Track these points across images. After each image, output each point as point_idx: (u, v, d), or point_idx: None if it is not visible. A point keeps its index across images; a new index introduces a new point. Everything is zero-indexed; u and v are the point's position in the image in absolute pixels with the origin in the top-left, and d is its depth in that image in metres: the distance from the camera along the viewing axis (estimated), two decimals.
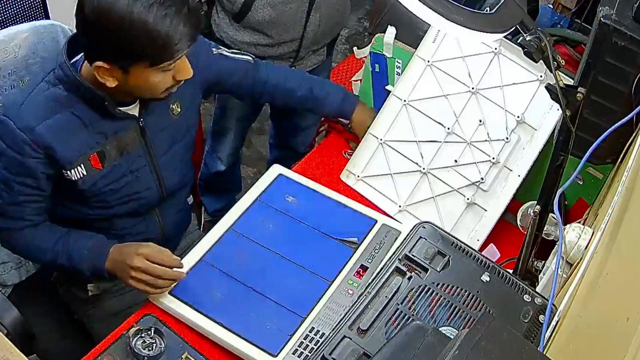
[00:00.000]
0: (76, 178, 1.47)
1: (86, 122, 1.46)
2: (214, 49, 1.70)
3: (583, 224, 1.37)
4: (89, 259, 1.50)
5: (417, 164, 1.78)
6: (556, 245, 1.40)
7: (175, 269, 1.46)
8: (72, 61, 1.45)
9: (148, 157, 1.58)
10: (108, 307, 1.71)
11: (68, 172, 1.46)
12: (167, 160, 1.62)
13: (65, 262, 1.52)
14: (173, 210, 1.72)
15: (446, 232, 1.42)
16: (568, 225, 1.34)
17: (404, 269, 1.34)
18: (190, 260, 1.56)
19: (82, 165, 1.47)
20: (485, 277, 1.32)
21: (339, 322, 1.30)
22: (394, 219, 1.74)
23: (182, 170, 1.69)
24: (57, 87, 1.44)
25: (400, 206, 1.77)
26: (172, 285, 1.48)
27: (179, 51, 1.37)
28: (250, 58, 1.79)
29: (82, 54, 1.47)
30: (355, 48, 2.69)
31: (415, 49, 1.84)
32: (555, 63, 1.11)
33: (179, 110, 1.61)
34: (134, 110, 1.51)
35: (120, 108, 1.48)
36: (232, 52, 1.76)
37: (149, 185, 1.60)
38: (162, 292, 1.47)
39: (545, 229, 1.37)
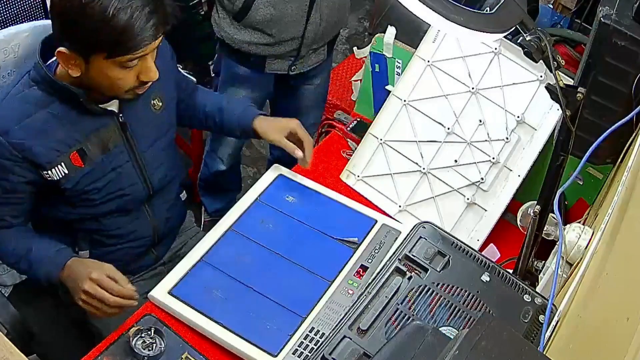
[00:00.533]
0: (58, 177, 1.47)
1: (64, 120, 1.45)
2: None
3: (583, 224, 1.37)
4: (45, 267, 1.48)
5: (417, 164, 1.78)
6: (556, 245, 1.40)
7: (127, 301, 1.43)
8: (47, 63, 1.45)
9: (131, 153, 1.56)
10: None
11: (49, 172, 1.45)
12: (151, 155, 1.60)
13: (26, 268, 1.52)
14: (164, 206, 1.71)
15: (446, 232, 1.42)
16: (568, 225, 1.34)
17: (404, 269, 1.34)
18: (190, 260, 1.56)
19: (62, 164, 1.46)
20: (485, 277, 1.32)
21: (339, 322, 1.30)
22: (394, 219, 1.74)
23: (168, 165, 1.67)
24: (32, 88, 1.44)
25: (400, 206, 1.77)
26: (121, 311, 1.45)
27: (138, 46, 1.35)
28: (194, 80, 1.80)
29: (53, 59, 1.46)
30: (355, 48, 2.69)
31: (415, 49, 1.84)
32: (555, 63, 1.11)
33: (161, 104, 1.61)
34: (112, 105, 1.50)
35: (99, 105, 1.48)
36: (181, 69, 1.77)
37: (133, 181, 1.59)
38: (111, 316, 1.45)
39: (545, 229, 1.37)
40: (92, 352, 1.42)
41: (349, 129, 2.00)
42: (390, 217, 1.75)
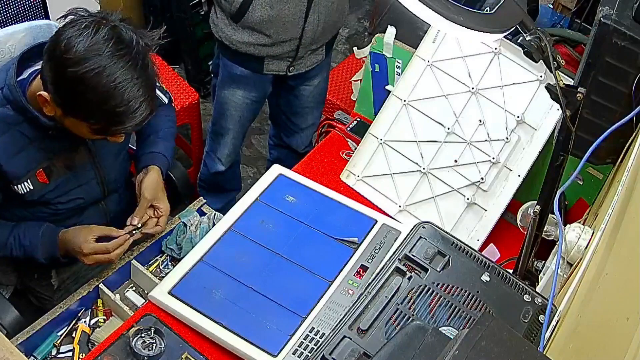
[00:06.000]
0: (22, 192, 1.50)
1: (33, 140, 1.47)
2: None
3: (583, 224, 1.37)
4: (42, 250, 1.56)
5: (417, 164, 1.78)
6: (556, 245, 1.40)
7: (126, 242, 1.56)
8: (20, 78, 1.46)
9: (96, 170, 1.61)
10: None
11: (15, 186, 1.49)
12: (112, 168, 1.65)
13: (20, 254, 1.57)
14: (115, 196, 1.74)
15: (446, 232, 1.42)
16: (568, 225, 1.34)
17: (404, 269, 1.34)
18: (190, 260, 1.56)
19: (28, 180, 1.49)
20: (485, 277, 1.32)
21: (339, 322, 1.30)
22: (394, 219, 1.74)
23: (123, 171, 1.74)
24: (5, 107, 1.45)
25: (400, 206, 1.77)
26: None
27: (121, 130, 1.39)
28: (167, 100, 1.79)
29: (31, 70, 1.47)
30: (355, 48, 2.70)
31: (415, 49, 1.84)
32: (555, 63, 1.11)
33: None
34: None
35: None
36: (159, 88, 1.74)
37: (94, 193, 1.65)
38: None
39: (545, 229, 1.37)
40: (92, 352, 1.42)
41: (349, 129, 2.00)
42: (390, 217, 1.75)
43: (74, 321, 1.60)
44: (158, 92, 1.73)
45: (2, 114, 1.45)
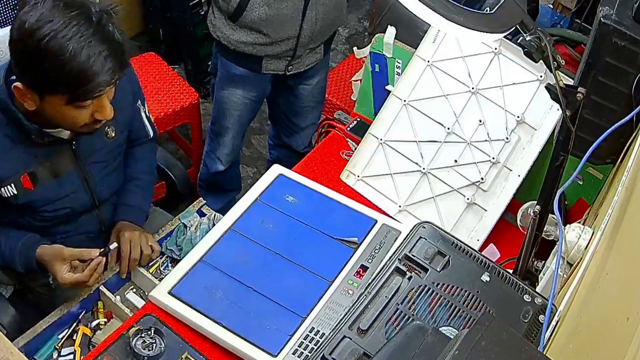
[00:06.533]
0: (7, 196, 1.50)
1: (17, 144, 1.47)
2: (139, 102, 1.72)
3: (583, 224, 1.37)
4: (20, 262, 1.56)
5: (417, 164, 1.78)
6: (556, 245, 1.40)
7: (99, 267, 1.53)
8: (11, 79, 1.44)
9: (83, 179, 1.60)
10: (72, 293, 1.70)
11: (0, 189, 1.48)
12: (101, 179, 1.64)
13: (2, 262, 1.58)
14: (109, 207, 1.74)
15: (446, 232, 1.42)
16: (568, 225, 1.34)
17: (404, 269, 1.34)
18: (190, 260, 1.56)
19: (12, 184, 1.49)
20: (485, 277, 1.32)
21: (339, 322, 1.30)
22: (394, 219, 1.74)
23: (117, 182, 1.72)
24: None
25: (400, 206, 1.77)
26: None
27: (93, 91, 1.36)
28: (152, 134, 1.80)
29: None
30: (355, 48, 2.70)
31: (415, 49, 1.84)
32: (555, 63, 1.11)
33: (114, 135, 1.63)
34: (64, 133, 1.51)
35: (51, 130, 1.47)
36: (147, 118, 1.77)
37: (83, 202, 1.63)
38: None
39: (545, 229, 1.37)
40: (92, 352, 1.42)
41: (349, 129, 2.00)
42: (390, 217, 1.75)
43: (75, 324, 1.59)
44: (146, 122, 1.76)
45: None
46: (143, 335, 1.40)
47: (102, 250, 1.56)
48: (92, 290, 1.62)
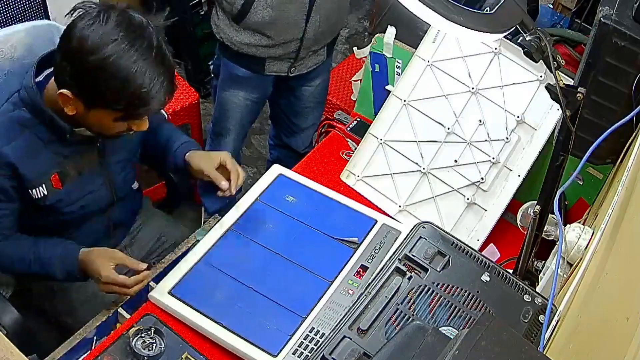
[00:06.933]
0: (37, 197, 1.50)
1: (48, 143, 1.48)
2: None
3: (583, 224, 1.37)
4: (60, 267, 1.53)
5: (417, 164, 1.78)
6: (556, 245, 1.40)
7: (142, 279, 1.50)
8: (37, 80, 1.46)
9: (105, 176, 1.60)
10: (75, 299, 1.72)
11: (31, 190, 1.48)
12: (121, 175, 1.65)
13: (39, 270, 1.55)
14: (121, 209, 1.74)
15: (446, 232, 1.42)
16: (568, 225, 1.34)
17: (404, 269, 1.34)
18: (190, 260, 1.56)
19: (43, 185, 1.49)
20: (485, 277, 1.32)
21: (339, 322, 1.30)
22: (394, 219, 1.74)
23: (132, 179, 1.73)
24: (21, 109, 1.45)
25: (400, 206, 1.77)
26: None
27: (145, 113, 1.39)
28: (165, 115, 1.82)
29: (47, 72, 1.47)
30: (355, 48, 2.70)
31: (415, 49, 1.84)
32: (555, 63, 1.11)
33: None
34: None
35: (79, 130, 1.48)
36: None
37: (103, 200, 1.64)
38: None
39: (545, 229, 1.37)
40: (92, 352, 1.42)
41: (349, 129, 2.00)
42: (390, 217, 1.75)
43: (92, 347, 1.52)
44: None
45: (18, 117, 1.45)
46: (143, 335, 1.40)
47: (147, 264, 1.54)
48: (111, 313, 1.57)
